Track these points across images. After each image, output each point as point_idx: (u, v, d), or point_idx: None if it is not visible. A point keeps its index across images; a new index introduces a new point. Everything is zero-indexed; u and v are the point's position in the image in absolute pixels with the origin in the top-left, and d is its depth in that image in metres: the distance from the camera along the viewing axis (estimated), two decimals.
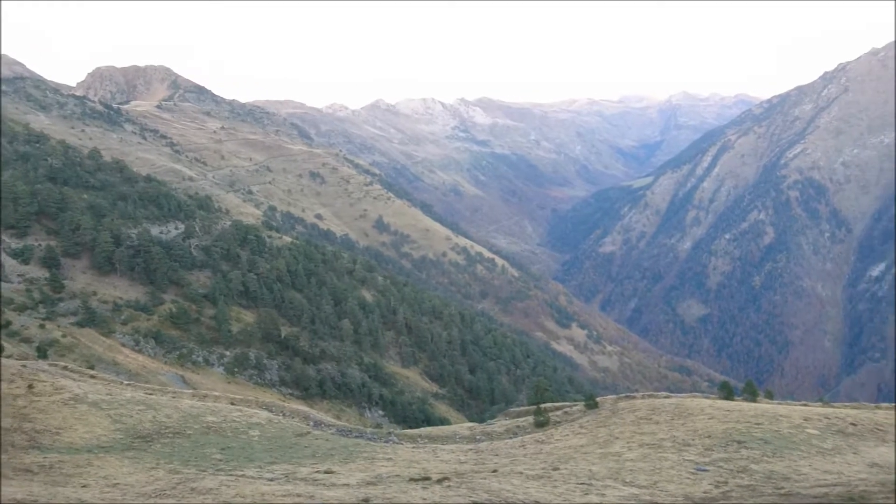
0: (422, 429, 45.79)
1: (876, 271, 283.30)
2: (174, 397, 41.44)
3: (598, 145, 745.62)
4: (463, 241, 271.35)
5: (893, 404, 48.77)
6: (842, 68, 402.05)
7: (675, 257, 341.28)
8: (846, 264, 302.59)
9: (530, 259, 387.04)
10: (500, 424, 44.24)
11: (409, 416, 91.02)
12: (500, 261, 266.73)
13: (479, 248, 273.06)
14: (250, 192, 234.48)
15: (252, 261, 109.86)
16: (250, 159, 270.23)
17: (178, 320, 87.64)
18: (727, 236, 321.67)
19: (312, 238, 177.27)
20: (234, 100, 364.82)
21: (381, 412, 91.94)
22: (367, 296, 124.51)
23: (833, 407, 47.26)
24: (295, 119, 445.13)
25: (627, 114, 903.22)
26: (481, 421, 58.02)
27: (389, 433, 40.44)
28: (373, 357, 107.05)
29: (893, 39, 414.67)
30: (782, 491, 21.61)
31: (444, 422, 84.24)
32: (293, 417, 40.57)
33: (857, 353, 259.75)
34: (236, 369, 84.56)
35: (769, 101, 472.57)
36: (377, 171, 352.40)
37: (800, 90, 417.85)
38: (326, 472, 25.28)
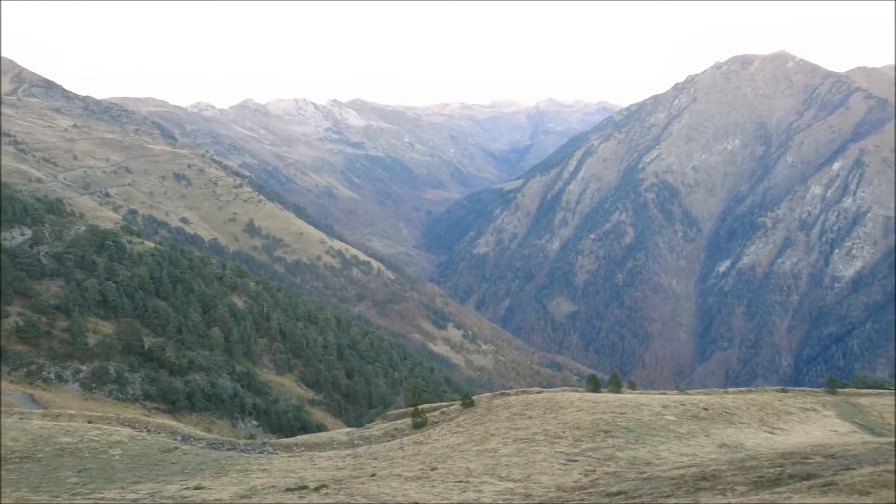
0: (298, 437, 44.84)
1: (722, 267, 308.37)
2: (21, 418, 38.07)
3: (471, 149, 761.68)
4: (338, 245, 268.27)
5: (741, 388, 53.24)
6: (691, 80, 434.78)
7: (545, 257, 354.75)
8: (697, 261, 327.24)
9: (406, 261, 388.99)
10: (378, 428, 44.11)
11: (285, 425, 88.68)
12: (375, 263, 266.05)
13: (354, 251, 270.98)
14: (107, 195, 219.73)
15: (110, 268, 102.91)
16: (107, 160, 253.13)
17: (26, 334, 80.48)
18: (592, 236, 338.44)
19: (178, 243, 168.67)
20: (88, 96, 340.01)
21: (254, 422, 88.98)
22: (239, 302, 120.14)
23: (688, 394, 50.93)
24: (157, 118, 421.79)
25: (498, 118, 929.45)
26: (359, 425, 57.59)
27: (264, 443, 39.30)
28: (245, 365, 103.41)
29: (735, 55, 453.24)
30: (644, 475, 23.00)
31: (321, 428, 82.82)
32: (159, 433, 38.43)
33: (707, 343, 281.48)
34: (94, 385, 78.81)
35: (628, 108, 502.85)
36: (247, 173, 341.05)
37: (655, 99, 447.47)
38: (196, 489, 24.15)
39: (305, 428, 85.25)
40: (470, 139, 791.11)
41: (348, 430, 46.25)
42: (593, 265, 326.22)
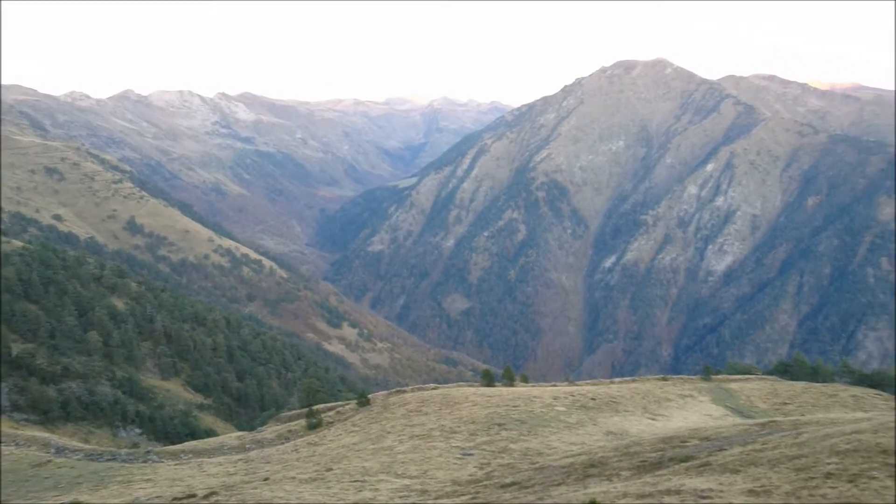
0: (186, 443, 43.11)
1: (608, 263, 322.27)
2: None
3: (365, 146, 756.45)
4: (227, 243, 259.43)
5: (626, 378, 55.91)
6: (578, 83, 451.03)
7: (440, 254, 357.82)
8: (585, 257, 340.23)
9: (299, 259, 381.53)
10: (271, 430, 43.08)
11: (172, 432, 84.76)
12: (267, 262, 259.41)
13: (244, 250, 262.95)
14: None
15: None
16: None
17: None
18: (486, 234, 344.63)
19: (50, 242, 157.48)
20: None
21: (138, 430, 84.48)
22: (119, 304, 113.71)
23: (577, 385, 52.92)
24: (24, 107, 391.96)
25: (392, 116, 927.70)
26: (251, 429, 55.99)
27: (148, 452, 37.52)
28: (127, 371, 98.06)
29: (619, 60, 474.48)
30: (536, 465, 23.67)
31: (210, 434, 79.81)
32: (29, 446, 35.79)
33: (594, 336, 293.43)
34: None
35: (519, 109, 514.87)
36: (128, 168, 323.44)
37: (545, 100, 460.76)
38: None
39: (194, 434, 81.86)
40: (364, 136, 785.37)
41: (240, 434, 44.95)
42: (487, 262, 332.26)
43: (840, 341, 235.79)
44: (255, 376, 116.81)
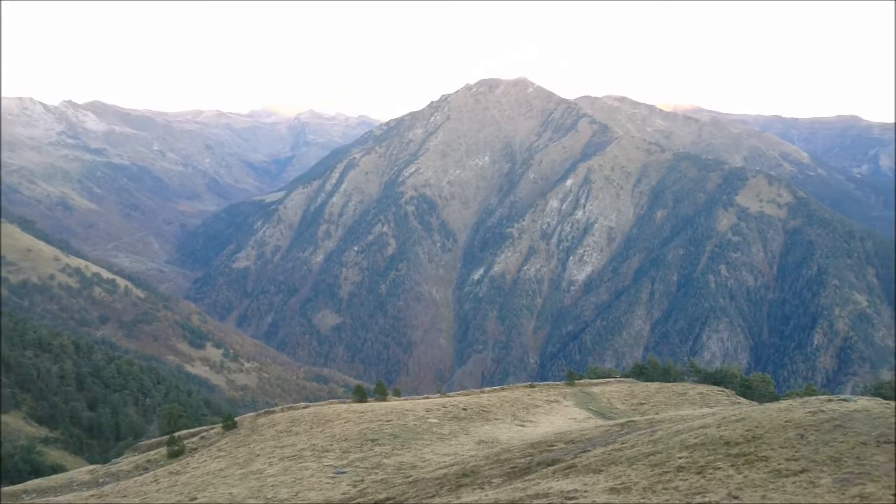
0: (28, 482, 39.39)
1: (476, 275, 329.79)
2: None
3: (229, 159, 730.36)
4: (76, 262, 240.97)
5: (495, 387, 57.36)
6: (444, 99, 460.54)
7: (310, 270, 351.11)
8: (454, 270, 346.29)
9: (158, 278, 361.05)
10: (127, 462, 40.36)
11: (12, 470, 77.09)
12: (122, 281, 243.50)
13: (96, 269, 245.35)
14: None
15: None
16: None
17: None
18: (356, 248, 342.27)
19: None
20: None
21: None
22: None
23: (448, 396, 53.64)
24: None
25: (258, 128, 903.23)
26: (105, 461, 52.09)
27: None
28: None
29: (482, 78, 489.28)
30: (410, 479, 23.71)
31: (57, 469, 73.33)
32: None
33: (465, 347, 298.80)
34: None
35: (388, 123, 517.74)
36: None
37: (412, 116, 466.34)
38: None
39: (38, 471, 74.91)
40: (227, 149, 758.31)
41: (92, 467, 41.74)
42: (357, 277, 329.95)
43: (687, 343, 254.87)
44: (110, 404, 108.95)
